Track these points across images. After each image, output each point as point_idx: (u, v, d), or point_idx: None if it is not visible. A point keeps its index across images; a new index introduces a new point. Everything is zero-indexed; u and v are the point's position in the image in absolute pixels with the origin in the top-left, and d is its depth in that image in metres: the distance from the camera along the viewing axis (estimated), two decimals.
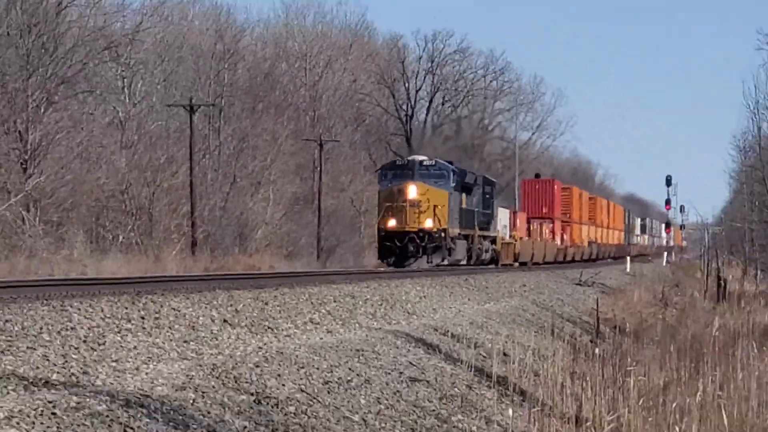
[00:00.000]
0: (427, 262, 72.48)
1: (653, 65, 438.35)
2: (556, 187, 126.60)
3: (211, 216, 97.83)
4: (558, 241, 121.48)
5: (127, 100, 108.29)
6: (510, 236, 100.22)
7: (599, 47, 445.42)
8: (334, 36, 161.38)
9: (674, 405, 23.99)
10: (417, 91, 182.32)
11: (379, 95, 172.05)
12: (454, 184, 77.40)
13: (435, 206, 72.37)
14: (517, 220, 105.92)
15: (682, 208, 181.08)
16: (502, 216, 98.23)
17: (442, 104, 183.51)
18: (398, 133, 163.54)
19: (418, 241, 71.94)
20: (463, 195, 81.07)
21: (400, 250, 72.48)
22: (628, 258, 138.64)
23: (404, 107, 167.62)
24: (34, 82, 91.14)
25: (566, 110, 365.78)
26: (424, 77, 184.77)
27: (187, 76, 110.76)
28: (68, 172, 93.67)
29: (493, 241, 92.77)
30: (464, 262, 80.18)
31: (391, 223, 73.03)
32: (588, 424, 20.24)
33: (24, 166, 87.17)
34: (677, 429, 20.58)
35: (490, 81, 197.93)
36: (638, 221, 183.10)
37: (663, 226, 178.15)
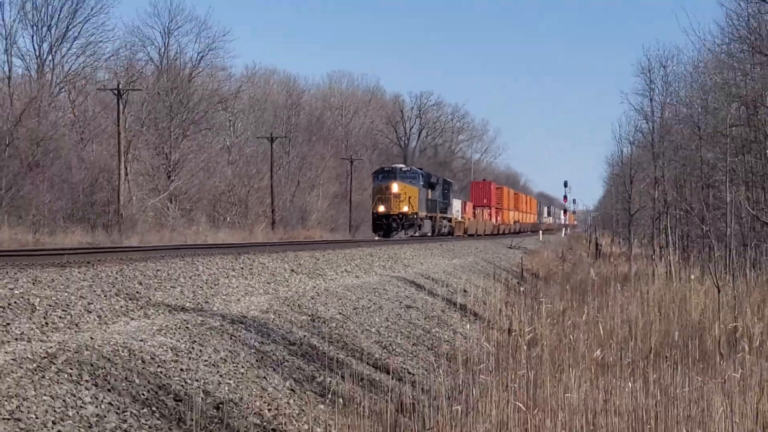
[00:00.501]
0: (405, 234, 73.63)
1: (558, 101, 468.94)
2: (492, 186, 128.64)
3: (283, 205, 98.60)
4: (494, 221, 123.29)
5: (232, 134, 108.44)
6: (462, 218, 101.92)
7: (524, 92, 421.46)
8: (359, 95, 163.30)
9: (569, 321, 23.89)
10: (410, 129, 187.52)
11: (387, 131, 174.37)
12: (422, 183, 79.38)
13: (410, 197, 74.74)
14: (467, 207, 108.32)
15: (573, 201, 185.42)
16: (456, 204, 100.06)
17: (426, 137, 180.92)
18: (399, 154, 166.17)
19: (398, 220, 74.38)
20: (429, 190, 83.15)
21: (386, 226, 74.46)
22: (540, 232, 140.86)
23: (402, 138, 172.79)
24: (175, 123, 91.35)
25: (502, 139, 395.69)
26: (415, 120, 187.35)
27: (268, 119, 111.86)
28: (195, 179, 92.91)
29: (450, 220, 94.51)
30: (429, 234, 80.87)
31: (381, 208, 75.07)
32: (515, 333, 20.15)
33: (168, 174, 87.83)
34: (571, 336, 20.50)
35: (456, 122, 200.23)
36: (545, 208, 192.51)
37: (562, 211, 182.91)
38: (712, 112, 45.40)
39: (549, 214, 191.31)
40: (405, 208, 73.97)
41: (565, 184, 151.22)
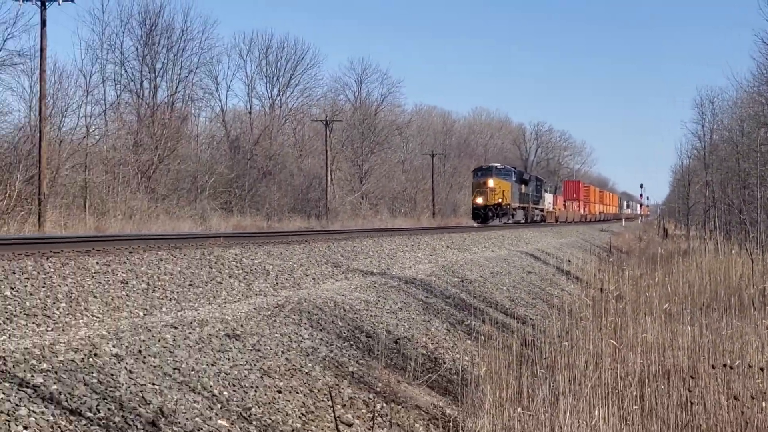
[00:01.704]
0: (499, 221, 68.81)
1: (630, 121, 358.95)
2: (580, 184, 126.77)
3: (441, 201, 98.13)
4: (581, 211, 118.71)
5: (405, 151, 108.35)
6: (553, 208, 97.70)
7: (610, 115, 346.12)
8: (494, 123, 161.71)
9: (645, 283, 23.46)
10: (529, 148, 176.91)
11: (513, 149, 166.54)
12: (515, 179, 74.28)
13: (503, 190, 69.90)
14: (558, 200, 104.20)
15: (647, 198, 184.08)
16: (549, 198, 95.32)
17: (540, 153, 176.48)
18: (520, 167, 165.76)
19: (494, 209, 69.23)
20: (522, 185, 77.99)
21: (483, 215, 69.23)
22: (623, 219, 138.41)
23: (524, 155, 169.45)
24: (365, 144, 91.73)
25: (596, 154, 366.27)
26: (533, 141, 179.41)
27: (430, 141, 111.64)
28: (380, 183, 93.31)
29: (542, 210, 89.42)
30: (522, 221, 75.91)
31: (479, 200, 70.12)
32: (605, 291, 19.90)
33: (361, 179, 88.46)
34: (646, 294, 20.19)
35: (562, 142, 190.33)
36: (625, 202, 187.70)
37: (638, 205, 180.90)
38: (746, 135, 46.37)
39: (628, 207, 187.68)
40: (499, 200, 69.32)
41: (641, 186, 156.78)
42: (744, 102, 50.74)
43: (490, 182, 69.48)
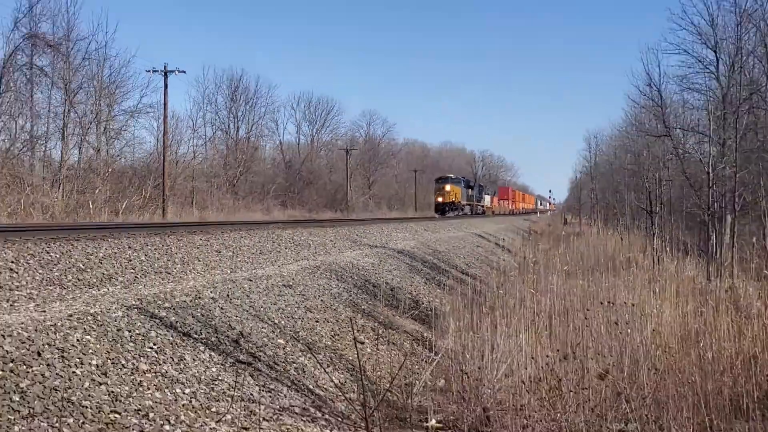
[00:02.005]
0: (453, 214, 64.62)
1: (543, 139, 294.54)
2: (509, 189, 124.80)
3: (420, 201, 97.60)
4: (510, 207, 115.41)
5: (398, 169, 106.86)
6: (490, 205, 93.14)
7: (535, 133, 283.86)
8: (455, 152, 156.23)
9: (552, 253, 23.37)
10: (477, 167, 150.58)
11: (468, 168, 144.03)
12: (463, 185, 70.84)
13: (456, 193, 66.54)
14: (494, 200, 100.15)
15: (554, 198, 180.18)
16: (487, 198, 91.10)
17: (485, 169, 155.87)
18: (471, 178, 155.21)
19: (449, 206, 65.11)
20: (468, 189, 74.04)
21: (441, 210, 65.10)
22: (538, 213, 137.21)
23: (474, 172, 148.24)
24: (372, 164, 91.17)
25: (520, 169, 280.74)
26: (480, 162, 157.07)
27: (415, 163, 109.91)
28: (382, 189, 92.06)
29: (483, 206, 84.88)
30: (469, 214, 71.27)
31: (439, 199, 66.17)
32: (527, 258, 19.71)
33: (369, 186, 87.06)
34: (553, 260, 20.07)
35: (498, 163, 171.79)
36: (539, 201, 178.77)
37: (548, 203, 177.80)
38: (618, 158, 46.14)
39: (541, 204, 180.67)
40: (452, 199, 65.58)
41: (550, 191, 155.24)
42: (616, 137, 50.84)
43: (447, 187, 66.39)
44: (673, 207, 32.19)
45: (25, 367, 6.58)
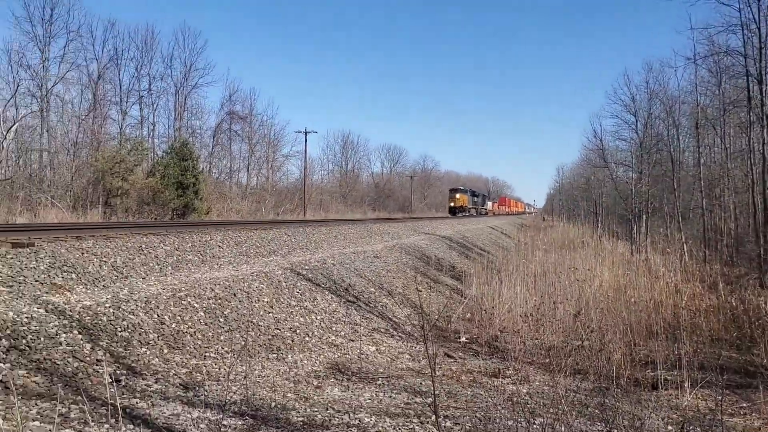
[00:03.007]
0: (461, 215, 54.33)
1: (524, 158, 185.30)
2: (507, 198, 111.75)
3: (427, 205, 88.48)
4: (506, 210, 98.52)
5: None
6: (491, 208, 79.24)
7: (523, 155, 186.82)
8: (472, 178, 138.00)
9: (537, 238, 22.47)
10: (490, 186, 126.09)
11: (484, 187, 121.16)
12: (470, 194, 61.32)
13: (464, 199, 56.80)
14: (495, 204, 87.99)
15: (536, 205, 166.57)
16: (489, 203, 77.83)
17: (493, 187, 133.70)
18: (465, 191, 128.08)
19: (459, 209, 54.71)
20: (474, 197, 63.80)
21: (453, 212, 54.63)
22: (526, 214, 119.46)
23: (487, 188, 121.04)
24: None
25: (513, 185, 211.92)
26: (492, 184, 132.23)
27: (446, 184, 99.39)
28: (433, 201, 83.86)
29: (486, 209, 71.80)
30: (474, 215, 60.46)
31: (452, 204, 55.68)
32: (521, 241, 18.83)
33: (423, 197, 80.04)
34: (536, 241, 19.29)
35: (502, 183, 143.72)
36: (526, 206, 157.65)
37: (533, 208, 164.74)
38: (576, 180, 44.53)
39: (528, 208, 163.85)
40: (461, 204, 56.27)
41: (534, 200, 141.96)
42: (575, 166, 49.00)
43: (457, 195, 57.92)
44: (609, 210, 32.80)
45: (227, 302, 6.81)
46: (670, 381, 5.83)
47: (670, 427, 4.17)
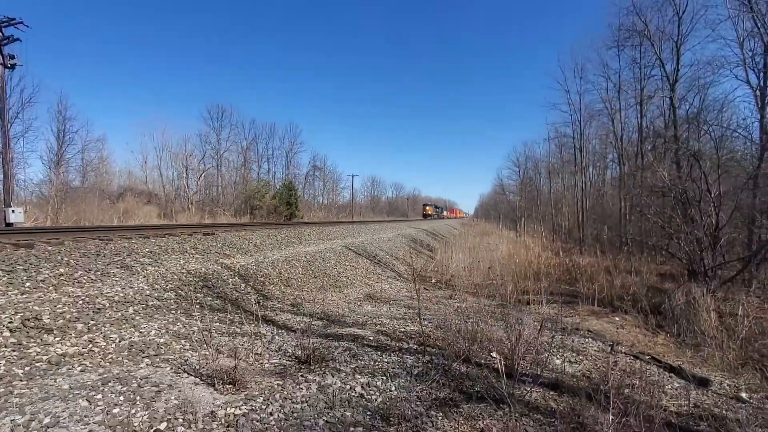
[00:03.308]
0: (430, 219, 42.79)
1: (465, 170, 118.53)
2: (454, 208, 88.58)
3: (416, 213, 52.12)
4: (454, 216, 75.48)
5: (406, 207, 65.06)
6: (446, 215, 64.66)
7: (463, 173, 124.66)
8: (404, 193, 78.64)
9: (473, 232, 19.25)
10: (447, 202, 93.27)
11: (441, 202, 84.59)
12: (434, 207, 53.34)
13: (433, 208, 50.11)
14: (447, 213, 70.76)
15: (468, 212, 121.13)
16: (444, 212, 66.06)
17: (445, 203, 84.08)
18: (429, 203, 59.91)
19: (429, 215, 46.44)
20: (437, 208, 55.75)
21: (425, 216, 45.83)
22: (464, 218, 77.86)
23: (444, 204, 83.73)
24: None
25: (458, 199, 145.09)
26: (445, 201, 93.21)
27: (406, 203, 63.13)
28: (419, 210, 66.69)
29: (443, 216, 59.66)
30: (437, 218, 48.01)
31: (425, 212, 47.24)
32: (461, 233, 15.84)
33: (413, 208, 66.45)
34: (468, 233, 17.80)
35: (448, 200, 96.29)
36: (465, 214, 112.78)
37: (468, 214, 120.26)
38: (490, 202, 41.61)
39: (466, 215, 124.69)
40: (430, 212, 48.19)
41: (469, 210, 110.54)
42: (491, 193, 45.55)
43: (428, 207, 50.56)
44: (506, 215, 32.76)
45: (313, 262, 7.23)
46: (535, 300, 6.26)
47: (535, 323, 4.51)
